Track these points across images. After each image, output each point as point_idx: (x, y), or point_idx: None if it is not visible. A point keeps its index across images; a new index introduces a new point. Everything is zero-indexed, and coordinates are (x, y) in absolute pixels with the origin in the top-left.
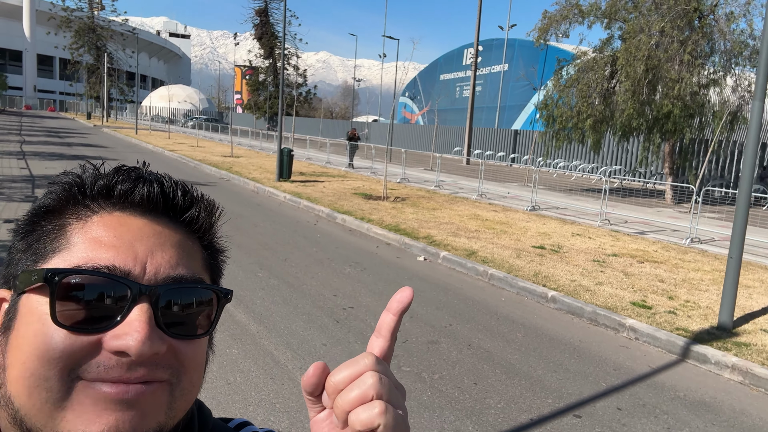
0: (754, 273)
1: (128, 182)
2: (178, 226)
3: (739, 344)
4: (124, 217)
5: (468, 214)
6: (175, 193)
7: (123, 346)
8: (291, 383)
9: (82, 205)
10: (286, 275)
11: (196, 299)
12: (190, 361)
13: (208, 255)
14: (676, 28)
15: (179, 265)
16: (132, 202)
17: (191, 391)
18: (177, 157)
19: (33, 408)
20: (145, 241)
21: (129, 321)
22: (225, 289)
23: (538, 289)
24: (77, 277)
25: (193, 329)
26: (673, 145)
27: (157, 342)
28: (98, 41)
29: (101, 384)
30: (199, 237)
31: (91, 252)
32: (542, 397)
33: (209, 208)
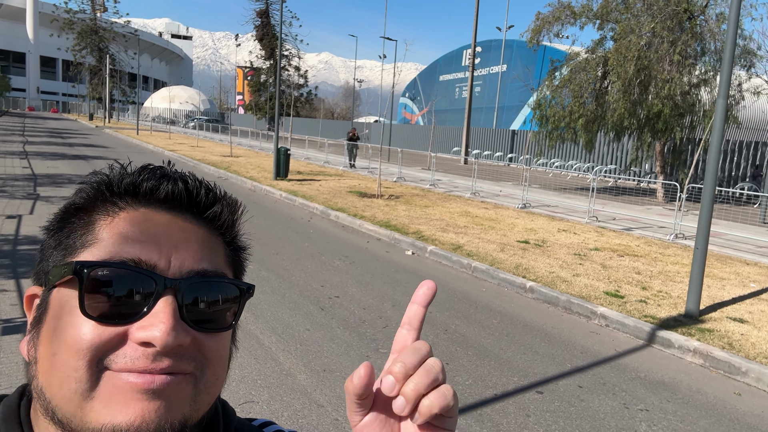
0: (731, 266)
1: (153, 180)
2: (201, 222)
3: (703, 330)
4: (150, 213)
5: (459, 211)
6: (199, 191)
7: (149, 336)
8: (273, 363)
9: (110, 203)
10: (276, 268)
11: (219, 293)
12: (214, 354)
13: (230, 251)
14: (666, 28)
15: (203, 259)
16: (157, 199)
17: (215, 384)
18: (177, 156)
19: (63, 399)
20: (170, 236)
21: (154, 313)
22: (248, 284)
23: (517, 280)
24: (105, 269)
25: (216, 323)
26: (664, 144)
27: (181, 333)
28: (101, 43)
29: (128, 374)
30: (222, 234)
31: (118, 246)
32: (509, 375)
33: (232, 206)
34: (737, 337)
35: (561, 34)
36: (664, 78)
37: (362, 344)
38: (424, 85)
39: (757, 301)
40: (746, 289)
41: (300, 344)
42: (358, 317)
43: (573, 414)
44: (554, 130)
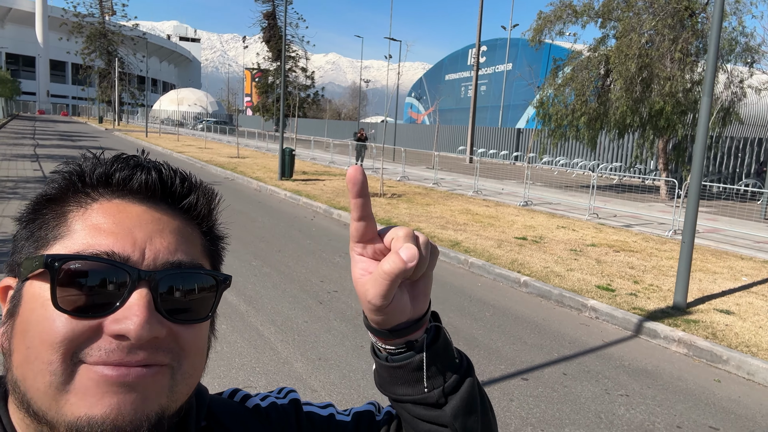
0: (726, 261)
1: (127, 170)
2: (176, 212)
3: (688, 321)
4: (123, 204)
5: (460, 209)
6: (173, 180)
7: (122, 329)
8: (271, 352)
9: (82, 193)
10: (278, 264)
11: (195, 284)
12: (191, 345)
13: (207, 241)
14: (668, 26)
15: (178, 250)
16: (131, 189)
17: (193, 375)
18: (185, 158)
19: (38, 391)
20: (144, 227)
21: (128, 305)
22: (224, 274)
23: (512, 275)
24: (77, 262)
25: (193, 314)
26: (667, 141)
27: (156, 326)
28: (109, 46)
29: (103, 367)
30: (198, 223)
31: (91, 238)
32: (496, 364)
33: (208, 195)
34: (721, 328)
35: (563, 32)
36: (665, 76)
37: (357, 335)
38: (429, 85)
39: (746, 294)
40: (737, 283)
41: (298, 335)
42: (354, 310)
43: (555, 399)
44: (557, 129)
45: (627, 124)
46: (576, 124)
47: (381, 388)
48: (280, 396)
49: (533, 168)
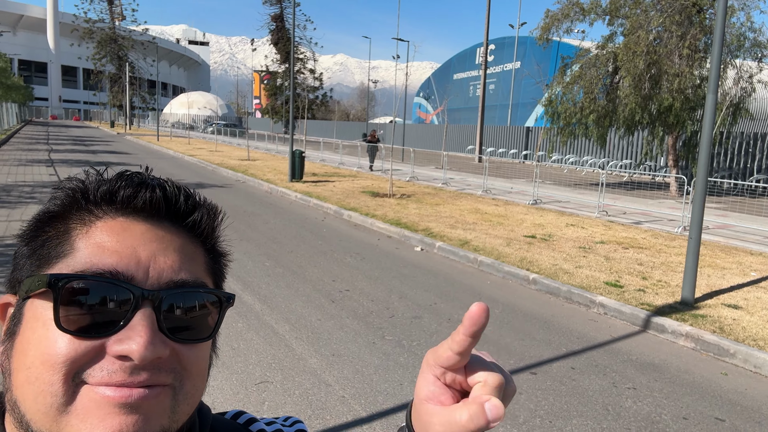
0: (735, 257)
1: (131, 187)
2: (180, 230)
3: (696, 316)
4: (127, 223)
5: (469, 209)
6: (178, 198)
7: (126, 350)
8: (286, 348)
9: (86, 211)
10: (290, 264)
11: (198, 303)
12: (193, 365)
13: (210, 259)
14: (675, 23)
15: (182, 269)
16: (135, 207)
17: (194, 395)
18: (196, 161)
19: (38, 412)
20: (148, 246)
21: (132, 326)
22: (227, 293)
23: (521, 273)
24: (80, 282)
25: (195, 333)
26: (676, 138)
27: (159, 346)
28: (120, 51)
29: (105, 388)
30: (202, 241)
31: (95, 257)
32: (505, 358)
33: (212, 213)
34: (729, 322)
35: (570, 30)
36: (674, 72)
37: (369, 332)
38: (438, 84)
39: (754, 289)
40: (746, 278)
41: (311, 332)
42: (366, 308)
43: (563, 392)
44: (566, 126)
45: (636, 121)
46: (585, 122)
47: None
48: (286, 424)
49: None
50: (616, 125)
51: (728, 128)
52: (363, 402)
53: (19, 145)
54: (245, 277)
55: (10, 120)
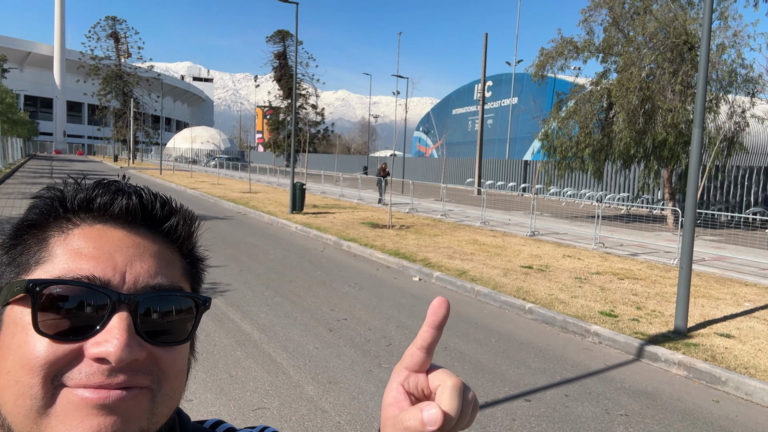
0: (730, 287)
1: (108, 195)
2: (157, 236)
3: (689, 345)
4: (104, 229)
5: (467, 240)
6: (154, 205)
7: (103, 352)
8: (283, 376)
9: (64, 219)
10: (289, 294)
11: (174, 307)
12: (171, 367)
13: (188, 264)
14: (667, 60)
15: (158, 274)
16: (111, 214)
17: (173, 397)
18: (198, 194)
19: (18, 415)
20: (125, 251)
21: (109, 329)
22: (203, 296)
23: (517, 302)
24: (58, 287)
25: (172, 336)
26: (671, 171)
27: (136, 348)
28: (125, 87)
29: (83, 390)
30: (179, 246)
31: (72, 263)
32: (500, 386)
33: (188, 219)
34: (721, 351)
35: (564, 67)
36: (667, 107)
37: (366, 360)
38: (437, 119)
39: (747, 319)
40: (739, 308)
41: (309, 360)
42: (363, 337)
43: (556, 418)
44: (562, 160)
45: (631, 155)
46: (581, 156)
47: None
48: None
49: (541, 199)
50: (611, 159)
51: (723, 161)
52: (359, 428)
53: (23, 179)
54: (244, 306)
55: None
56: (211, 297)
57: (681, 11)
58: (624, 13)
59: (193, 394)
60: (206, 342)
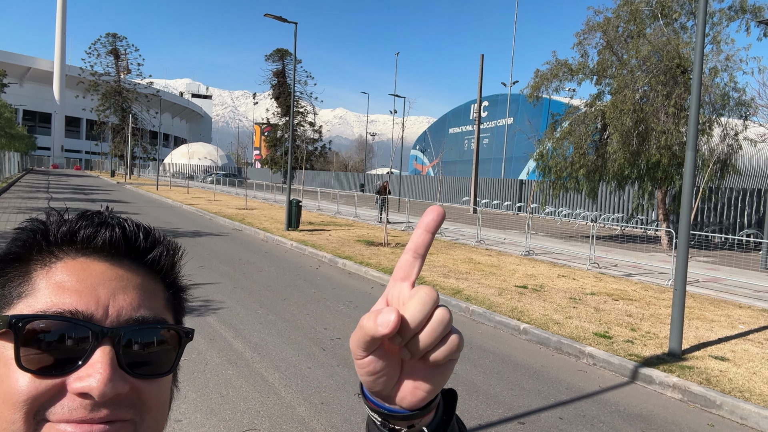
0: (724, 309)
1: (91, 227)
2: (140, 267)
3: (683, 367)
4: (87, 262)
5: (462, 258)
6: (137, 236)
7: (86, 387)
8: (275, 396)
9: (47, 252)
10: (283, 312)
11: (158, 339)
12: (153, 399)
13: (171, 294)
14: (660, 83)
15: (141, 306)
16: (95, 246)
17: (155, 429)
18: (194, 210)
19: None
20: (107, 284)
21: (92, 363)
22: (187, 328)
23: (512, 323)
24: (40, 322)
25: (155, 368)
26: (665, 192)
27: (119, 383)
28: (124, 103)
29: (66, 425)
30: (162, 277)
31: (55, 297)
32: (494, 408)
33: (171, 249)
34: (716, 374)
35: (559, 89)
36: (660, 129)
37: (359, 381)
38: (434, 138)
39: (742, 341)
40: (734, 330)
41: (301, 380)
42: None
43: None
44: (557, 180)
45: (625, 176)
46: (575, 176)
47: None
48: None
49: (536, 218)
50: (606, 180)
51: (717, 183)
52: None
53: (19, 193)
54: (237, 324)
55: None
56: (205, 315)
57: (674, 35)
58: (618, 36)
59: (183, 415)
60: (198, 361)
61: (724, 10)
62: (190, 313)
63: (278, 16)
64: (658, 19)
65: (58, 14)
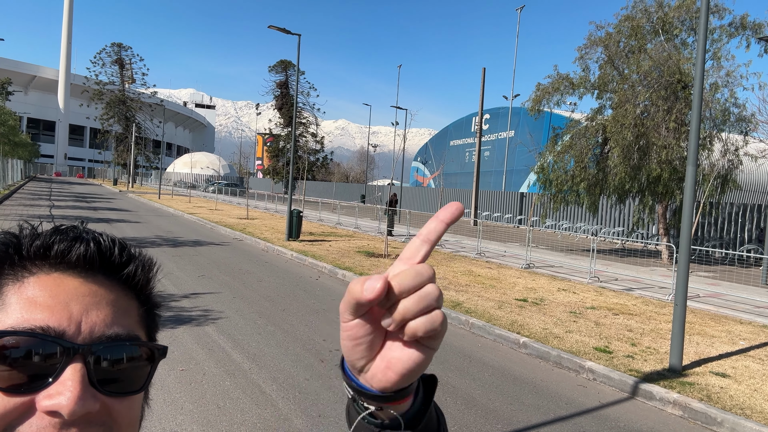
0: (725, 325)
1: (65, 242)
2: (114, 283)
3: (684, 384)
4: (61, 278)
5: (462, 271)
6: (112, 251)
7: (55, 405)
8: (272, 408)
9: (19, 266)
10: (282, 323)
11: (130, 356)
12: (124, 417)
13: (144, 311)
14: (661, 98)
15: (114, 323)
16: (69, 261)
17: None
18: (195, 219)
19: None
20: (80, 300)
21: (62, 380)
22: (160, 345)
23: (511, 336)
24: (11, 338)
25: (127, 386)
26: (666, 206)
27: (89, 401)
28: (128, 112)
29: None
30: (137, 293)
31: (26, 312)
32: (493, 423)
33: (146, 265)
34: (716, 390)
35: (560, 103)
36: (661, 144)
37: None
38: (435, 150)
39: (742, 358)
40: (735, 346)
41: (299, 392)
42: None
43: None
44: (558, 193)
45: (626, 190)
46: (576, 190)
47: None
48: None
49: (536, 231)
50: (607, 193)
51: (717, 198)
52: None
53: (21, 201)
54: (235, 334)
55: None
56: (204, 324)
57: (675, 51)
58: (619, 51)
59: (179, 426)
60: (195, 371)
61: (724, 27)
62: (190, 323)
63: (282, 28)
64: (659, 34)
65: (64, 23)
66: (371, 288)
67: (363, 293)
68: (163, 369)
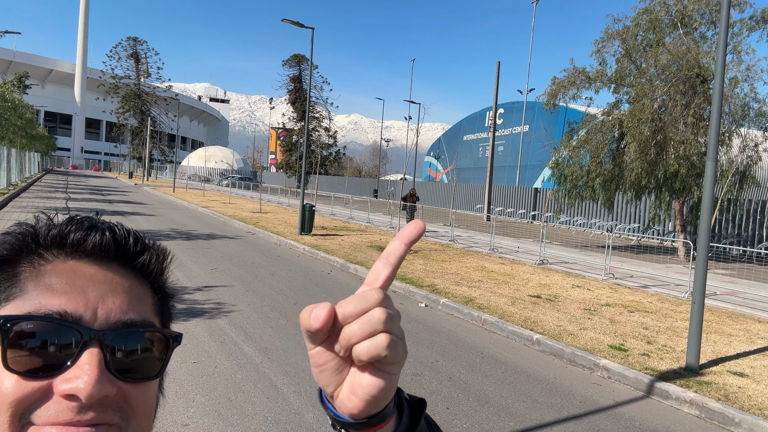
0: (743, 324)
1: (81, 231)
2: (129, 272)
3: (701, 383)
4: (77, 265)
5: (475, 266)
6: (127, 241)
7: (73, 389)
8: (283, 402)
9: (36, 254)
10: (293, 316)
11: (146, 343)
12: (140, 404)
13: (158, 300)
14: (680, 92)
15: (130, 310)
16: (84, 250)
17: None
18: (209, 213)
19: None
20: (97, 287)
21: (79, 365)
22: (175, 332)
23: (525, 333)
24: (29, 323)
25: (143, 372)
26: (683, 203)
27: (106, 384)
28: (143, 106)
29: (52, 428)
30: (151, 282)
31: (43, 299)
32: (506, 420)
33: (160, 255)
34: (734, 390)
35: (576, 97)
36: (679, 139)
37: None
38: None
39: (761, 357)
40: (753, 345)
41: (310, 386)
42: None
43: None
44: (573, 189)
45: (642, 186)
46: (591, 185)
47: None
48: None
49: (550, 227)
50: (622, 189)
51: (735, 195)
52: None
53: (38, 193)
54: (248, 327)
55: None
56: (217, 317)
57: (694, 45)
58: (637, 45)
59: (191, 419)
60: (207, 364)
61: (744, 20)
62: (202, 315)
63: (295, 21)
64: (677, 28)
65: (80, 17)
66: (317, 317)
67: (310, 322)
68: (175, 361)
